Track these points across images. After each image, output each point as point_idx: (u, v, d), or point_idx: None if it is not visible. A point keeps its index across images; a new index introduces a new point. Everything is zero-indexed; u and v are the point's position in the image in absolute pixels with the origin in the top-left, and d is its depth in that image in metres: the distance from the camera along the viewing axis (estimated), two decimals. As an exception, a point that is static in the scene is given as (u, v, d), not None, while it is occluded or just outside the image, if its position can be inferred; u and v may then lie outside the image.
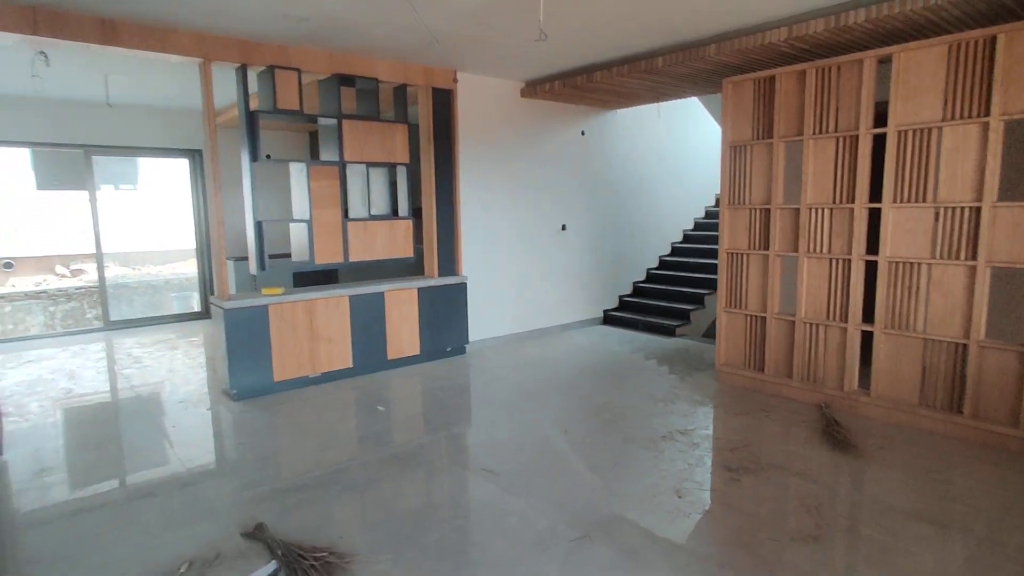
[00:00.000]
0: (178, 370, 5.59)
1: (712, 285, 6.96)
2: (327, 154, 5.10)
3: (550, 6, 3.73)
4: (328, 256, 4.97)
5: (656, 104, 7.01)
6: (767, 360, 4.67)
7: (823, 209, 4.25)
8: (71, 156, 7.50)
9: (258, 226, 4.68)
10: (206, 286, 8.37)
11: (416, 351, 5.54)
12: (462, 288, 5.83)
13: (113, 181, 12.16)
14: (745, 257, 4.78)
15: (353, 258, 5.10)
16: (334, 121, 4.93)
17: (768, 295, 4.62)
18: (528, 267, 6.51)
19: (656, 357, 5.91)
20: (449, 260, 5.80)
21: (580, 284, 7.09)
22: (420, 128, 5.62)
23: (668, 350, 6.16)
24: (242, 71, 4.53)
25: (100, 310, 7.74)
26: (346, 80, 4.97)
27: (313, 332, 4.91)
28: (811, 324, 4.39)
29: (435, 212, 5.65)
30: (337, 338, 5.04)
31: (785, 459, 3.52)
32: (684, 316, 6.90)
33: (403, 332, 5.43)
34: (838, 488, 3.19)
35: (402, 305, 5.40)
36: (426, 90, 5.50)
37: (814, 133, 4.23)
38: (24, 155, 11.45)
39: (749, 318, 4.80)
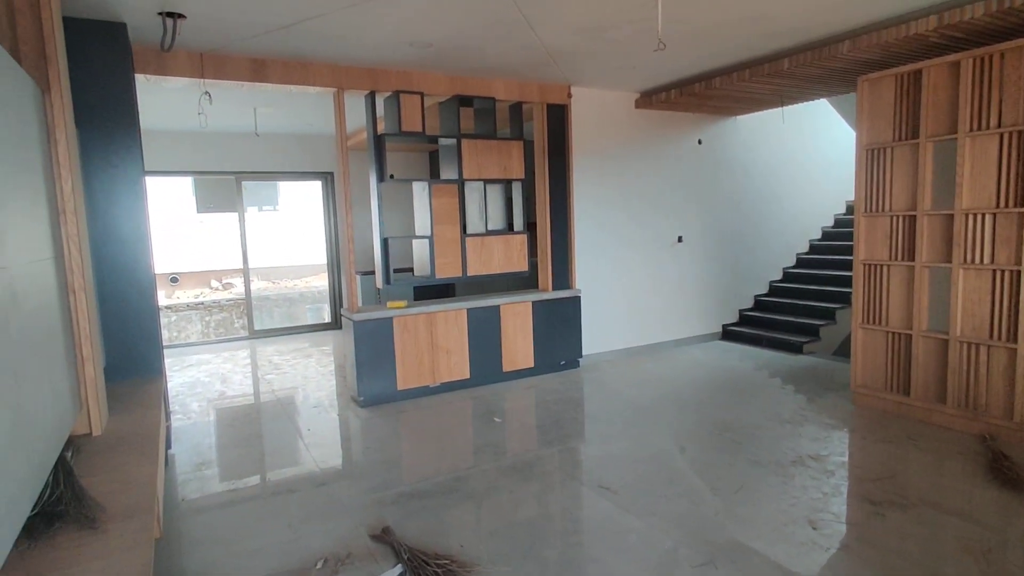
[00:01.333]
0: (311, 377, 6.04)
1: (844, 299, 6.43)
2: (447, 172, 5.32)
3: (669, 14, 3.66)
4: (447, 271, 5.17)
5: (780, 108, 6.64)
6: (913, 382, 4.23)
7: (984, 215, 3.80)
8: (225, 182, 8.42)
9: (384, 243, 4.97)
10: (336, 299, 8.99)
11: (530, 364, 5.60)
12: (576, 302, 5.83)
13: (258, 204, 13.48)
14: (885, 269, 4.37)
15: (471, 272, 5.27)
16: (453, 141, 5.13)
17: (914, 310, 4.19)
18: (643, 280, 6.38)
19: (782, 375, 5.55)
20: (563, 273, 5.82)
21: (697, 297, 6.83)
22: (535, 144, 5.72)
23: (795, 368, 5.76)
24: (371, 97, 4.85)
25: (246, 320, 8.55)
26: (465, 101, 5.17)
27: (433, 344, 5.11)
28: (969, 344, 3.92)
29: (549, 226, 5.70)
30: (455, 350, 5.21)
31: (940, 495, 3.15)
32: (813, 332, 6.43)
33: (518, 345, 5.51)
34: (1011, 533, 2.80)
35: (517, 318, 5.49)
36: (541, 106, 5.59)
37: (971, 130, 3.80)
38: (187, 183, 12.98)
39: (891, 335, 4.37)
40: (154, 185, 13.30)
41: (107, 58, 3.51)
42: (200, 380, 6.10)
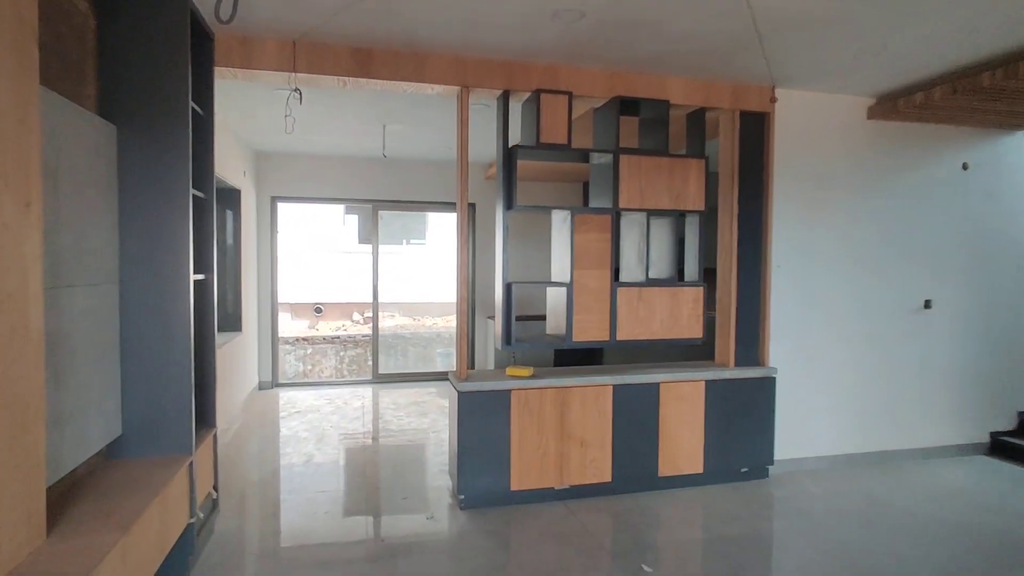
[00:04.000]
0: (418, 445, 4.94)
1: None
2: (598, 199, 4.00)
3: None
4: (589, 332, 3.80)
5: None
6: None
7: None
8: (386, 215, 7.97)
9: (507, 289, 3.75)
10: (469, 345, 7.98)
11: (698, 468, 3.99)
12: (768, 385, 4.13)
13: (406, 236, 13.21)
14: None
15: (623, 336, 3.84)
16: (609, 157, 3.82)
17: None
18: (868, 359, 4.48)
19: None
20: (750, 344, 4.17)
21: (951, 389, 4.72)
22: (721, 165, 4.22)
23: None
24: (503, 99, 3.72)
25: (371, 361, 7.86)
26: (628, 105, 3.84)
27: (564, 430, 3.74)
28: None
29: (735, 277, 4.12)
30: (594, 441, 3.78)
31: None
32: None
33: (681, 440, 3.94)
34: None
35: (682, 402, 3.93)
36: (731, 115, 4.09)
37: None
38: (338, 210, 13.07)
39: None
40: (304, 212, 13.59)
41: (154, 36, 2.70)
42: (298, 434, 5.28)
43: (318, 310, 11.50)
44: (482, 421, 3.62)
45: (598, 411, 3.79)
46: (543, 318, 6.28)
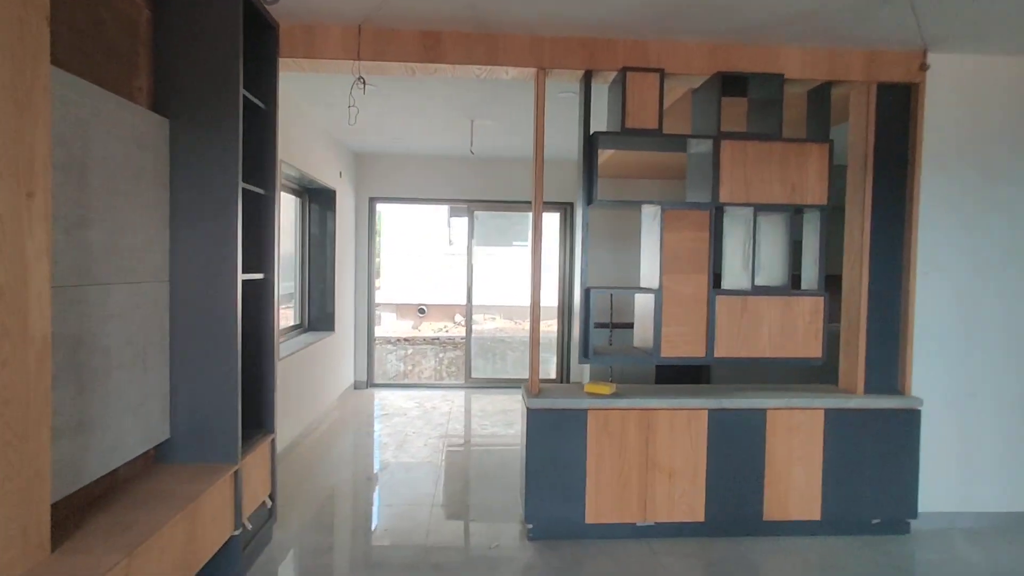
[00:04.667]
0: (496, 460, 4.63)
1: None
2: (694, 193, 3.47)
3: None
4: (681, 347, 3.27)
5: None
6: None
7: None
8: (497, 216, 7.92)
9: (586, 295, 3.32)
10: (564, 352, 7.61)
11: (814, 514, 3.32)
12: (910, 418, 3.36)
13: (512, 238, 13.04)
14: None
15: (721, 352, 3.28)
16: (708, 144, 3.27)
17: None
18: (1051, 392, 3.54)
19: None
20: (887, 367, 3.42)
21: None
22: (850, 151, 3.51)
23: None
24: (585, 81, 3.31)
25: (465, 365, 7.71)
26: (732, 83, 3.28)
27: (649, 458, 3.25)
28: None
29: (866, 286, 3.40)
30: (684, 472, 3.25)
31: None
32: None
33: (793, 478, 3.30)
34: None
35: (795, 433, 3.29)
36: (865, 89, 3.38)
37: None
38: (443, 212, 13.15)
39: None
40: (411, 213, 13.85)
41: (207, 26, 2.59)
42: (379, 439, 5.17)
43: (421, 311, 11.61)
44: (554, 443, 3.22)
45: (690, 438, 3.26)
46: (623, 326, 5.79)
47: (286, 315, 5.89)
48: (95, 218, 2.11)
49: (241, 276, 2.68)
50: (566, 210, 7.34)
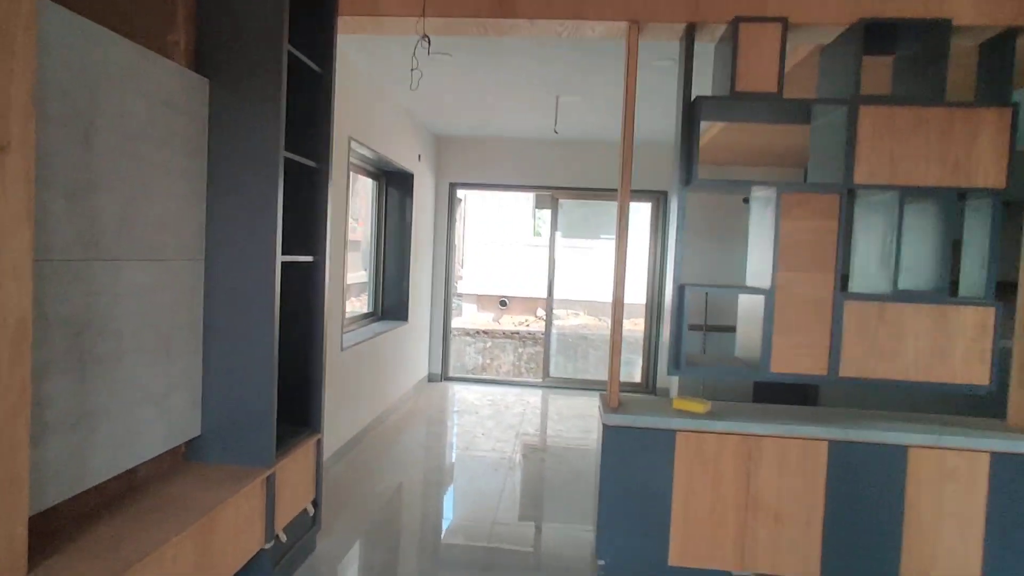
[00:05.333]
0: (569, 474, 4.17)
1: None
2: (819, 173, 2.83)
3: None
4: (796, 360, 2.66)
5: None
6: None
7: None
8: (585, 206, 7.47)
9: (679, 293, 2.78)
10: (650, 354, 7.00)
11: (969, 584, 2.61)
12: (1109, 469, 2.57)
13: (599, 230, 12.45)
14: None
15: (849, 371, 2.64)
16: (842, 111, 2.63)
17: None
18: None
19: None
20: (1078, 401, 2.64)
21: None
22: (1035, 121, 2.73)
23: None
24: (687, 37, 2.75)
25: (543, 362, 7.31)
26: (877, 35, 2.61)
27: (750, 494, 2.67)
28: None
29: (1054, 295, 2.62)
30: (794, 516, 2.65)
31: None
32: None
33: (942, 538, 2.60)
34: None
35: (949, 481, 2.59)
36: (1063, 40, 2.60)
37: None
38: (527, 202, 12.78)
39: None
40: (494, 202, 13.44)
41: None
42: (447, 439, 4.86)
43: (503, 303, 11.30)
44: (635, 467, 2.72)
45: (804, 475, 2.65)
46: (725, 329, 5.17)
47: (359, 302, 5.70)
48: (106, 184, 1.84)
49: (280, 257, 2.38)
50: (659, 199, 6.70)
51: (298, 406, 2.80)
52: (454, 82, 4.40)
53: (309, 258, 2.73)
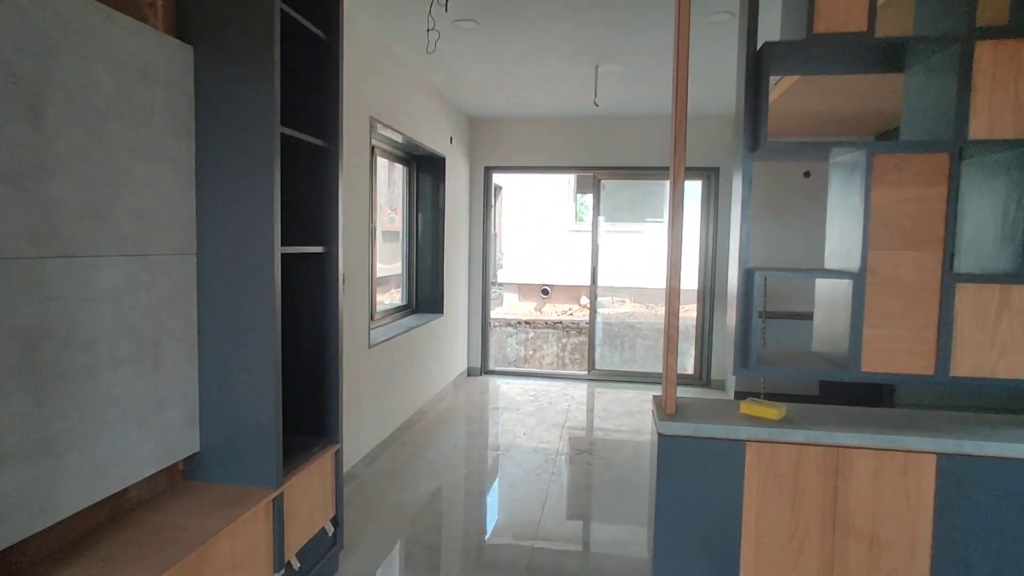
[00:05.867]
0: (619, 482, 3.79)
1: None
2: (916, 130, 2.35)
3: None
4: (892, 357, 2.22)
5: None
6: None
7: None
8: (629, 186, 7.01)
9: (747, 278, 2.36)
10: (703, 345, 6.54)
11: (1117, 625, 2.13)
12: None
13: (644, 214, 11.90)
14: None
15: (963, 369, 2.18)
16: (951, 53, 2.14)
17: None
18: None
19: None
20: None
21: None
22: None
23: None
24: (751, -26, 2.31)
25: (588, 354, 6.93)
26: (994, -46, 2.11)
27: (837, 515, 2.25)
28: None
29: None
30: (895, 543, 2.22)
31: None
32: None
33: (1082, 568, 2.13)
34: None
35: (1088, 500, 2.11)
36: None
37: None
38: (568, 188, 12.32)
39: None
40: (534, 187, 12.93)
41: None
42: (483, 440, 4.54)
43: (545, 292, 10.93)
44: (697, 483, 2.33)
45: (906, 493, 2.21)
46: (802, 317, 4.70)
47: (393, 295, 5.44)
48: (64, 169, 1.56)
49: (280, 248, 2.08)
50: (710, 177, 6.20)
51: (313, 414, 2.52)
52: (482, 54, 4.04)
53: (319, 249, 2.43)
